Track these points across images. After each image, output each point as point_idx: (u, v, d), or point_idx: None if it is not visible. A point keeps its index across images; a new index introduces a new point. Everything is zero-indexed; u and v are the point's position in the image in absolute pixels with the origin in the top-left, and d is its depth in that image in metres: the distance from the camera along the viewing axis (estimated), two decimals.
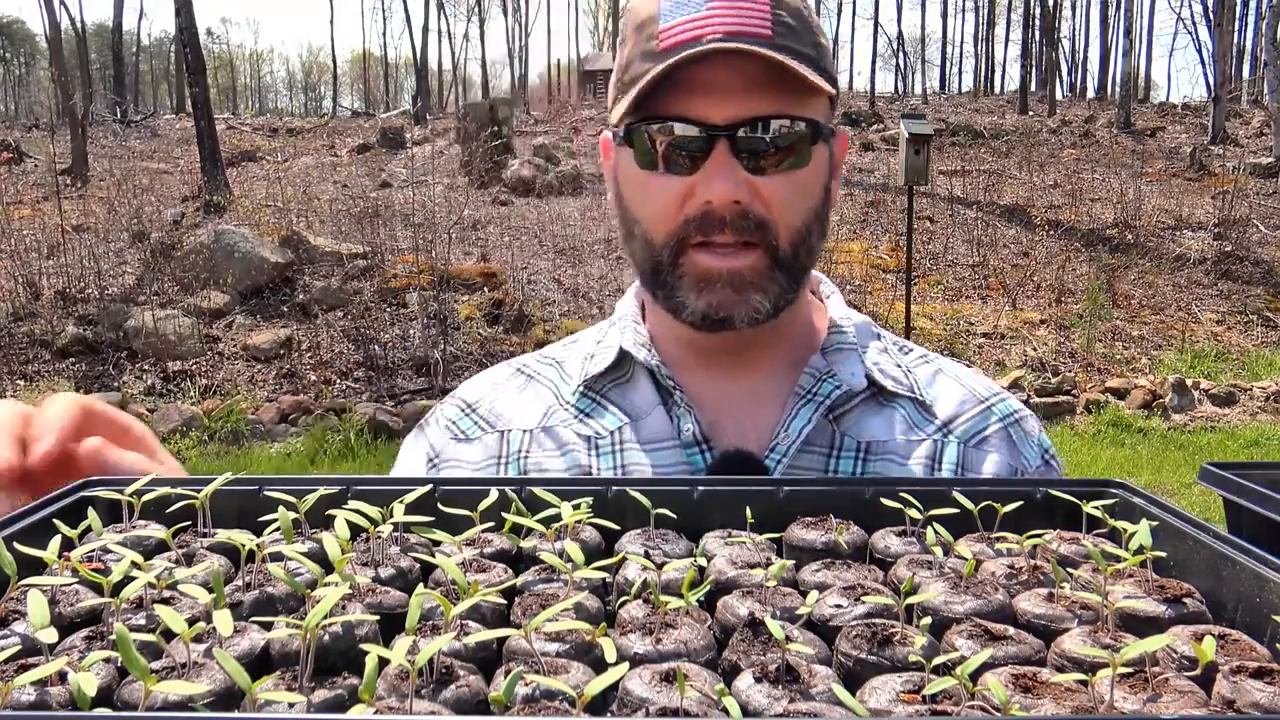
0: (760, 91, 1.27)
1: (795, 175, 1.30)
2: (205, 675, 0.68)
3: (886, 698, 0.65)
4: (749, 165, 1.27)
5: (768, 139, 1.27)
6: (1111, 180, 17.39)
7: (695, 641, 0.73)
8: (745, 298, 1.30)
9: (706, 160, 1.27)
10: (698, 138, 1.27)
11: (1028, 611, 0.79)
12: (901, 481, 1.02)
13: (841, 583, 0.84)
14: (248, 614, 0.76)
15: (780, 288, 1.33)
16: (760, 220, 1.29)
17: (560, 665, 0.68)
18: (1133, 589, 0.80)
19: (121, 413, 1.18)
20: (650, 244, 1.34)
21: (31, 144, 20.40)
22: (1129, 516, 0.93)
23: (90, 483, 0.98)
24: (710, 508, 0.99)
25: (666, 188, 1.30)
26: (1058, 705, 0.63)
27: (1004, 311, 13.02)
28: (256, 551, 0.81)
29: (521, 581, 0.84)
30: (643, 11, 1.32)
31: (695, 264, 1.31)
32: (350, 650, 0.69)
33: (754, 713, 0.63)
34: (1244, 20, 34.45)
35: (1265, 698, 0.63)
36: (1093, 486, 1.01)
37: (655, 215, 1.32)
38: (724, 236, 1.28)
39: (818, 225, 1.37)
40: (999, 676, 0.66)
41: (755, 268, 1.31)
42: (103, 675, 0.67)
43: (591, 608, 0.79)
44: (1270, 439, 9.95)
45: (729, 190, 1.26)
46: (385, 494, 0.93)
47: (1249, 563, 0.79)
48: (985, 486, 1.00)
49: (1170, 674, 0.66)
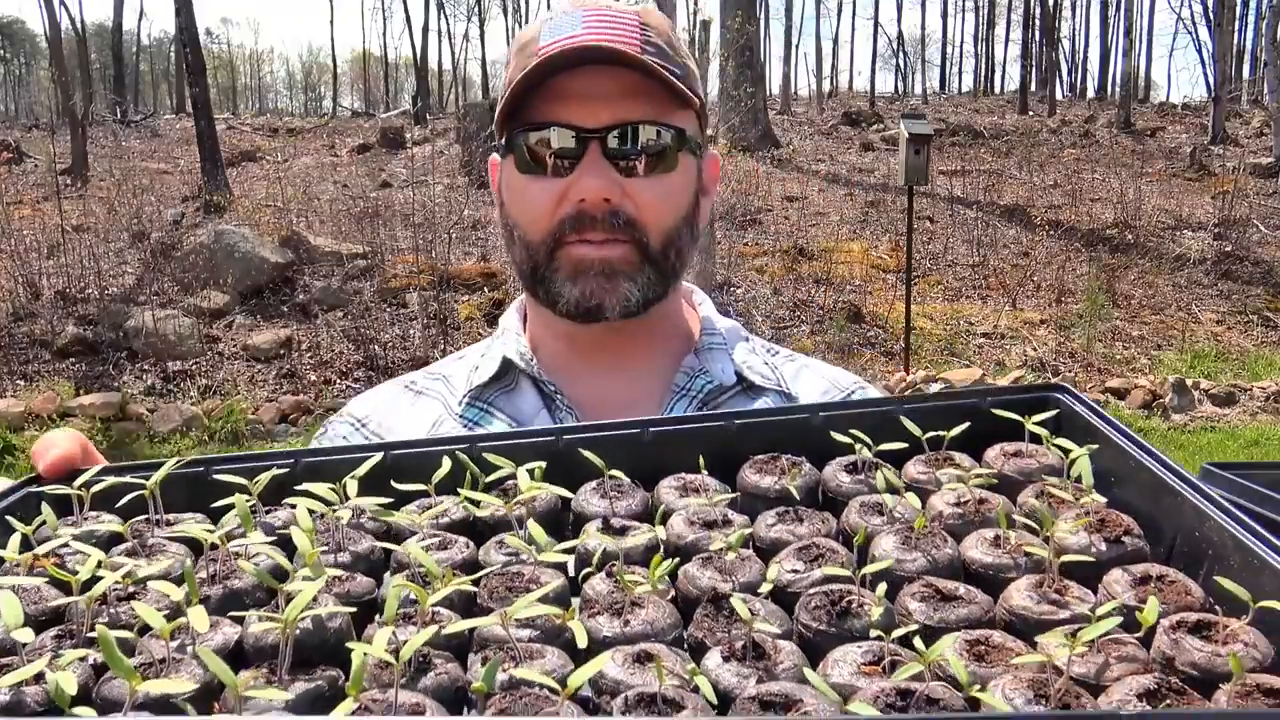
0: (630, 99, 1.39)
1: (664, 179, 1.42)
2: (184, 670, 0.68)
3: (848, 671, 0.67)
4: (620, 168, 1.39)
5: (638, 143, 1.39)
6: (1111, 180, 17.38)
7: (661, 620, 0.75)
8: (615, 285, 1.40)
9: (579, 162, 1.38)
10: (571, 140, 1.38)
11: (976, 560, 0.81)
12: (852, 404, 1.03)
13: (796, 539, 0.85)
14: (215, 609, 0.76)
15: (649, 280, 1.43)
16: (630, 219, 1.39)
17: (535, 650, 0.69)
18: (1074, 525, 0.81)
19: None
20: (528, 244, 1.44)
21: (31, 144, 20.42)
22: (1072, 432, 0.94)
23: (34, 479, 0.97)
24: (663, 449, 1.00)
25: (543, 190, 1.41)
26: (1012, 677, 0.64)
27: (1004, 311, 13.02)
28: (220, 544, 0.80)
29: (484, 555, 0.85)
30: (525, 36, 1.46)
31: (569, 255, 1.41)
32: (325, 643, 0.70)
33: (724, 690, 0.65)
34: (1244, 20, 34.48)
35: (1203, 657, 0.64)
36: (1035, 393, 1.01)
37: (532, 216, 1.43)
38: (596, 234, 1.39)
39: (688, 230, 1.48)
40: (953, 646, 0.68)
41: (625, 258, 1.41)
42: (79, 673, 0.67)
43: (557, 586, 0.80)
44: (1270, 439, 9.94)
45: (600, 188, 1.37)
46: (336, 465, 0.92)
47: (1191, 495, 0.80)
48: (931, 403, 1.01)
49: (1117, 636, 0.68)
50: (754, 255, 14.14)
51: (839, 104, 31.27)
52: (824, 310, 12.52)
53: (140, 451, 9.16)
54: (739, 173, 16.50)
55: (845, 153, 21.15)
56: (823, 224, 15.64)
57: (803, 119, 26.74)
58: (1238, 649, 0.66)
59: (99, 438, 9.32)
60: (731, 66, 17.55)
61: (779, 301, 12.82)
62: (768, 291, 13.00)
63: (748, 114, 18.44)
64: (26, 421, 9.66)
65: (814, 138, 22.37)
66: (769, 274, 13.48)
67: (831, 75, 56.57)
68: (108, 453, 1.23)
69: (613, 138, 1.38)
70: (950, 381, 10.37)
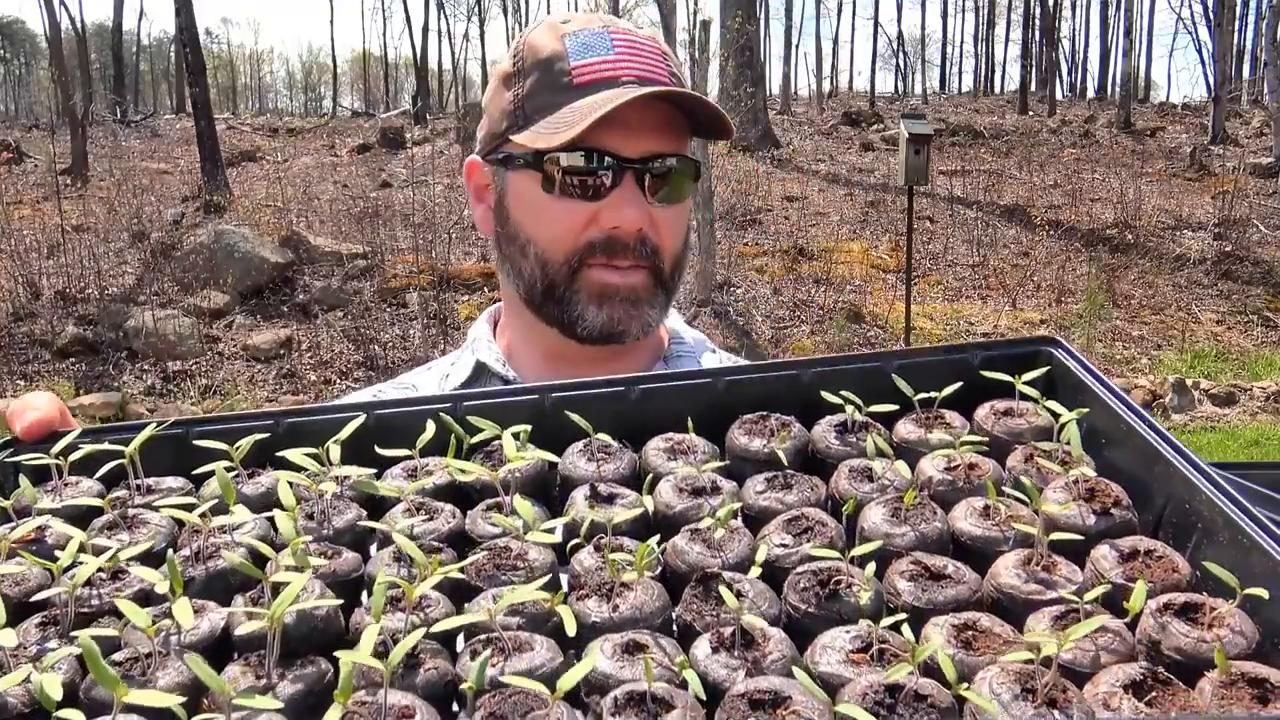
0: (663, 131, 1.43)
1: (679, 208, 1.49)
2: (170, 666, 0.67)
3: (837, 659, 0.67)
4: (649, 197, 1.43)
5: (668, 175, 1.44)
6: (1111, 180, 17.37)
7: (650, 604, 0.74)
8: (640, 313, 1.46)
9: (614, 190, 1.41)
10: (609, 168, 1.40)
11: (965, 533, 0.80)
12: (842, 359, 1.02)
13: (785, 508, 0.85)
14: (199, 592, 0.75)
15: (661, 305, 1.50)
16: (654, 247, 1.45)
17: (524, 642, 0.69)
18: (1064, 495, 0.81)
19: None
20: (545, 263, 1.45)
21: (31, 144, 20.41)
22: (1064, 390, 0.93)
23: (9, 443, 0.96)
24: (650, 407, 0.99)
25: (569, 211, 1.42)
26: (1000, 669, 0.64)
27: (1004, 311, 13.01)
28: (202, 523, 0.80)
29: (471, 525, 0.85)
30: (544, 49, 1.44)
31: (594, 280, 1.44)
32: (313, 634, 0.69)
33: (713, 683, 0.65)
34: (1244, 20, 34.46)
35: (1189, 644, 0.64)
36: (1027, 346, 1.00)
37: (554, 235, 1.44)
38: (624, 260, 1.43)
39: (686, 252, 1.56)
40: (940, 631, 0.68)
41: (646, 285, 1.46)
42: (64, 670, 0.67)
43: (545, 565, 0.79)
44: (1270, 439, 9.93)
45: (638, 218, 1.41)
46: (319, 427, 0.91)
47: (1183, 467, 0.80)
48: (924, 358, 1.00)
49: (1101, 614, 0.67)
50: (754, 255, 14.13)
51: (839, 104, 31.24)
52: (824, 310, 12.51)
53: None
54: (739, 173, 16.50)
55: (845, 153, 21.14)
56: (823, 224, 15.63)
57: (803, 119, 26.72)
58: (1224, 634, 0.66)
59: None
60: (731, 66, 17.55)
61: (779, 301, 12.81)
62: (768, 291, 12.99)
63: (748, 114, 18.43)
64: None
65: (814, 138, 22.36)
66: (769, 274, 13.47)
67: (831, 75, 56.54)
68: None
69: (649, 168, 1.41)
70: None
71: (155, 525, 0.83)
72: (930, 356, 1.02)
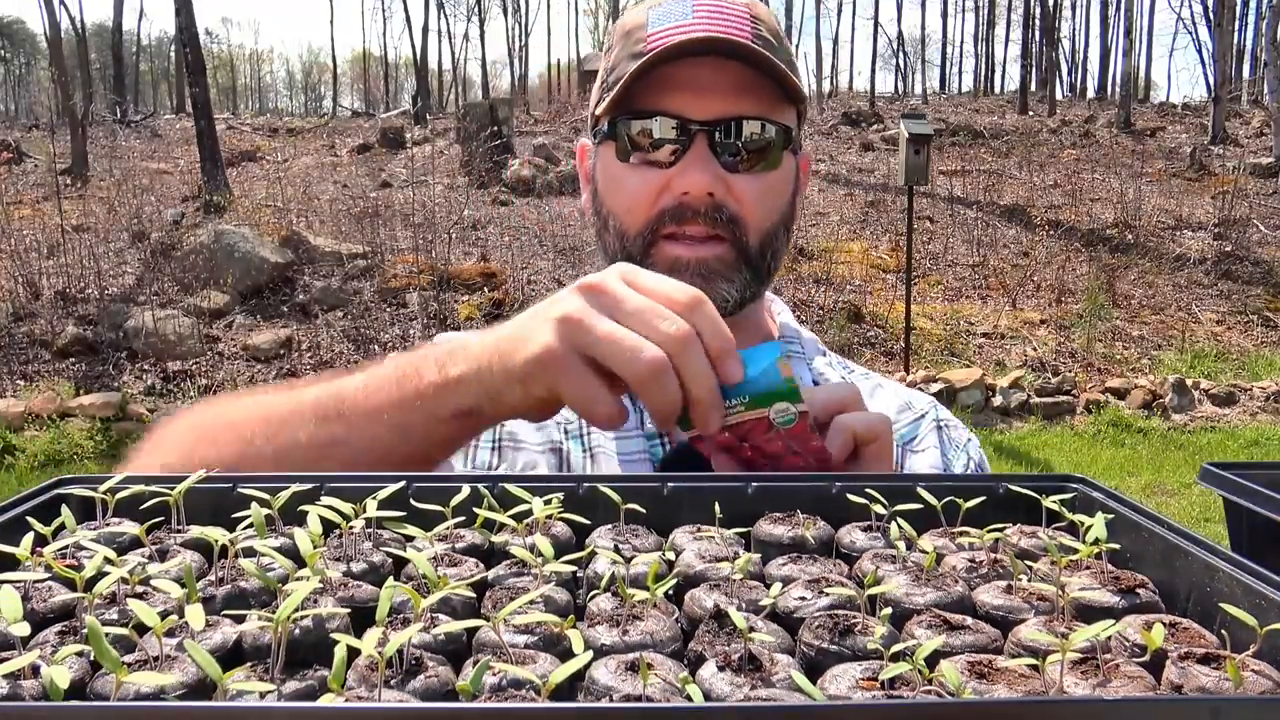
0: (740, 93, 1.35)
1: (766, 177, 1.38)
2: (177, 668, 0.68)
3: (846, 685, 0.66)
4: (725, 162, 1.34)
5: (744, 138, 1.35)
6: (1111, 180, 17.39)
7: (661, 633, 0.74)
8: (712, 286, 1.34)
9: (685, 154, 1.34)
10: (677, 132, 1.34)
11: (986, 603, 0.80)
12: (867, 478, 1.03)
13: (807, 576, 0.85)
14: (220, 608, 0.76)
15: (745, 281, 1.39)
16: (732, 216, 1.35)
17: (528, 656, 0.69)
18: (1089, 580, 0.82)
19: None
20: (623, 235, 1.39)
21: (31, 144, 20.42)
22: (1087, 510, 0.95)
23: (64, 480, 0.98)
24: (680, 503, 1.00)
25: (644, 180, 1.36)
26: (1011, 690, 0.65)
27: (1004, 311, 13.02)
28: (229, 547, 0.81)
29: (493, 575, 0.85)
30: (630, 21, 1.42)
31: (665, 254, 1.36)
32: (321, 643, 0.70)
33: (716, 699, 0.65)
34: (1244, 20, 34.48)
35: (1211, 682, 0.65)
36: (1053, 481, 1.02)
37: (630, 206, 1.38)
38: (696, 228, 1.35)
39: (784, 232, 1.44)
40: (955, 664, 0.68)
41: (723, 259, 1.36)
42: (75, 669, 0.68)
43: (561, 600, 0.80)
44: (1270, 439, 9.94)
45: (704, 182, 1.32)
46: (358, 491, 0.93)
47: (1199, 553, 0.81)
48: (949, 482, 1.01)
49: (1120, 660, 0.68)
50: None
51: (839, 104, 31.25)
52: (824, 310, 12.52)
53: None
54: None
55: (845, 153, 21.16)
56: (823, 224, 15.64)
57: None
58: (1247, 676, 0.66)
59: (99, 438, 9.33)
60: None
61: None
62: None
63: None
64: (26, 421, 9.65)
65: (814, 138, 22.35)
66: None
67: (831, 75, 56.57)
68: (108, 453, 1.23)
69: (720, 131, 1.34)
70: (951, 381, 10.37)
71: (185, 557, 0.84)
72: (957, 483, 1.03)
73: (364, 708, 0.60)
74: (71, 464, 8.89)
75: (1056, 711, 0.58)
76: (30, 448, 9.19)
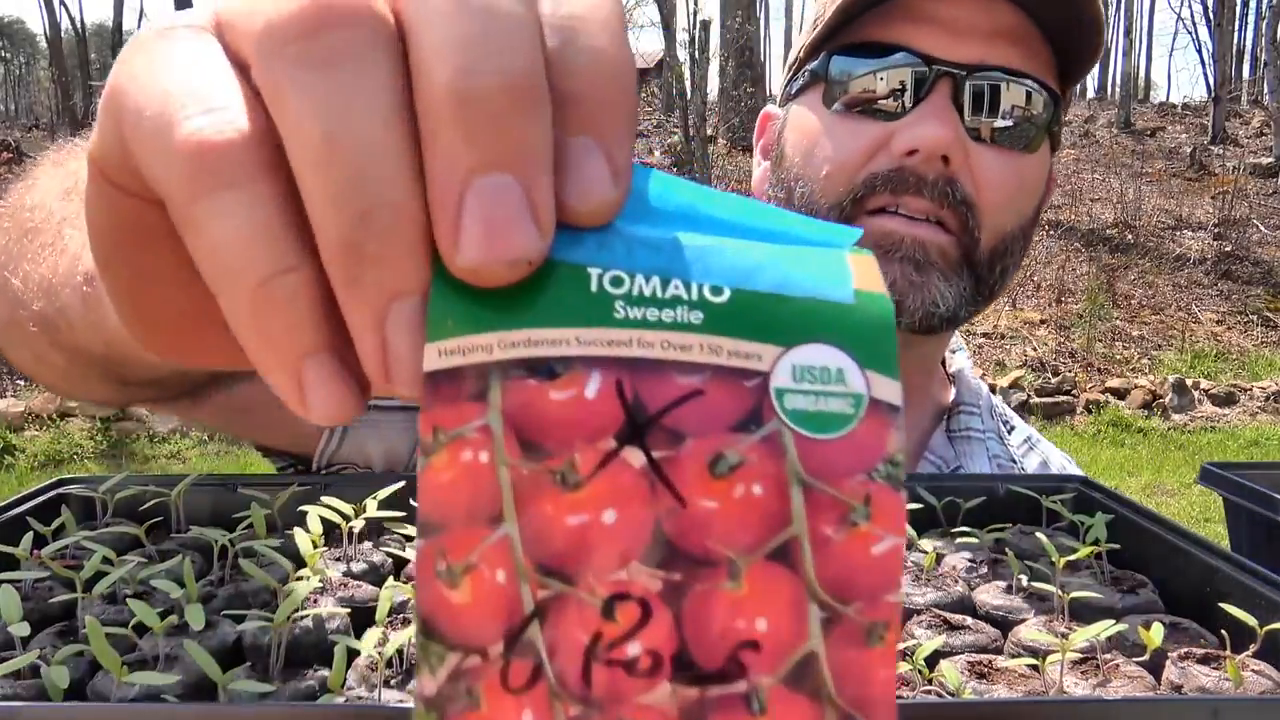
0: (1005, 41, 1.01)
1: (1019, 160, 1.04)
2: (177, 668, 0.68)
3: None
4: (970, 127, 1.01)
5: (999, 101, 1.01)
6: (1111, 180, 17.39)
7: None
8: (927, 280, 1.02)
9: (922, 103, 1.00)
10: (915, 73, 1.00)
11: (986, 603, 0.81)
12: None
13: None
14: (220, 608, 0.76)
15: (962, 293, 1.04)
16: (965, 198, 1.01)
17: None
18: (1089, 580, 0.82)
19: None
20: (810, 204, 1.04)
21: (31, 144, 20.41)
22: (1087, 511, 0.95)
23: (64, 481, 0.99)
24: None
25: (856, 133, 1.03)
26: (1010, 690, 0.65)
27: (1004, 311, 13.02)
28: (229, 547, 0.81)
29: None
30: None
31: (872, 227, 1.01)
32: (321, 643, 0.70)
33: None
34: (1244, 20, 34.47)
35: (1211, 682, 0.65)
36: (1053, 481, 1.02)
37: (831, 167, 1.04)
38: (919, 202, 1.00)
39: (1021, 242, 1.10)
40: (955, 664, 0.68)
41: (945, 250, 1.02)
42: (75, 669, 0.68)
43: None
44: (1270, 439, 9.94)
45: (942, 139, 0.98)
46: (359, 492, 0.93)
47: (1199, 553, 0.82)
48: (949, 482, 1.02)
49: (1120, 660, 0.68)
50: None
51: None
52: None
53: (140, 451, 9.17)
54: (739, 173, 16.49)
55: None
56: None
57: None
58: (1247, 676, 0.67)
59: (99, 438, 9.33)
60: (731, 66, 17.57)
61: None
62: None
63: (748, 114, 18.44)
64: (26, 421, 9.65)
65: None
66: None
67: None
68: (108, 453, 1.22)
69: (975, 81, 0.99)
70: None
71: (184, 557, 0.85)
72: (956, 482, 1.03)
73: (364, 708, 0.60)
74: (71, 464, 8.89)
75: (1056, 711, 0.59)
76: (30, 448, 9.19)
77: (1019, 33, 1.01)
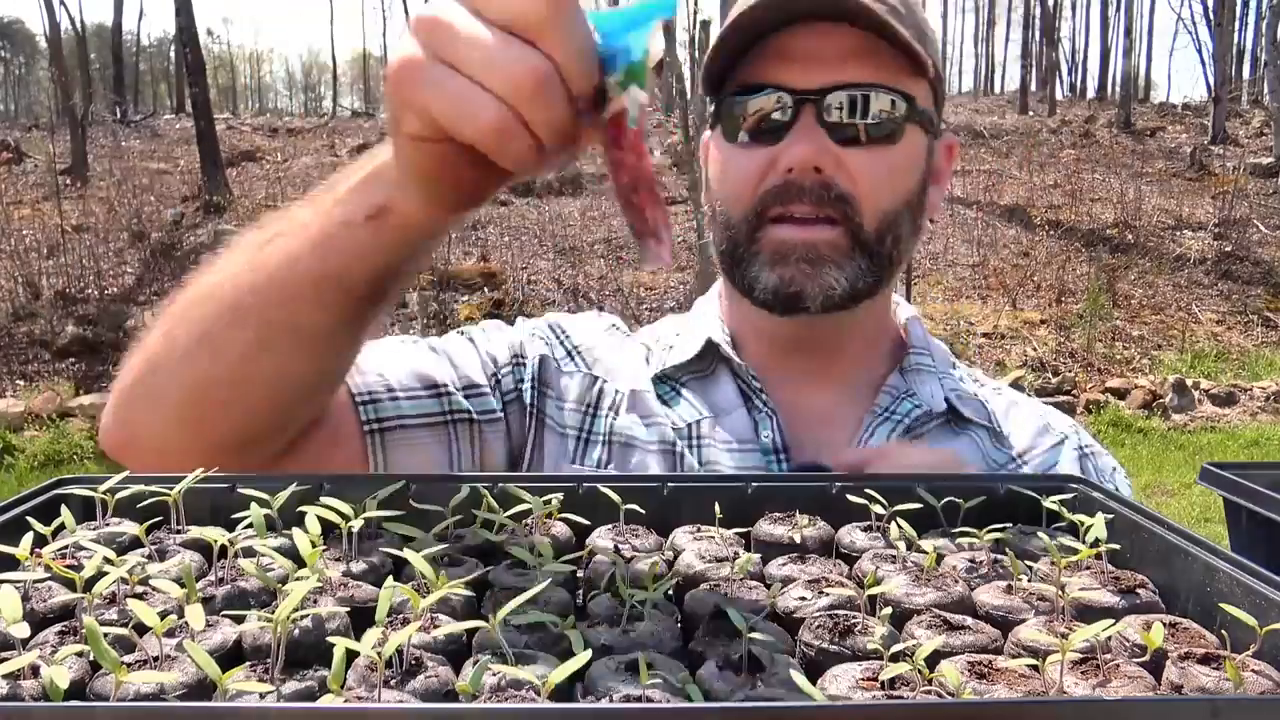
0: (855, 61, 1.22)
1: (885, 153, 1.24)
2: (177, 668, 0.68)
3: (845, 685, 0.66)
4: (836, 136, 1.22)
5: (857, 110, 1.22)
6: (1111, 180, 17.38)
7: (661, 633, 0.74)
8: (819, 272, 1.23)
9: (791, 128, 1.22)
10: (783, 104, 1.22)
11: (986, 603, 0.80)
12: (866, 477, 1.03)
13: (806, 576, 0.85)
14: (220, 609, 0.76)
15: (859, 270, 1.25)
16: (843, 194, 1.22)
17: (527, 656, 0.69)
18: (1089, 580, 0.82)
19: None
20: (729, 222, 1.28)
21: (31, 144, 20.40)
22: (1087, 511, 0.95)
23: (63, 480, 0.98)
24: (680, 503, 1.00)
25: (749, 159, 1.25)
26: (1011, 690, 0.65)
27: (1004, 311, 13.02)
28: (229, 547, 0.81)
29: (492, 575, 0.85)
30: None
31: (771, 237, 1.25)
32: (321, 643, 0.70)
33: (715, 698, 0.65)
34: (1244, 20, 34.50)
35: (1211, 682, 0.65)
36: (1053, 481, 1.02)
37: (734, 190, 1.27)
38: (803, 207, 1.22)
39: (908, 217, 1.29)
40: (955, 664, 0.68)
41: (833, 243, 1.24)
42: (75, 669, 0.68)
43: (560, 600, 0.80)
44: (1270, 439, 9.95)
45: (809, 155, 1.20)
46: (358, 491, 0.93)
47: (1199, 553, 0.81)
48: (949, 483, 1.02)
49: (1120, 660, 0.68)
50: None
51: None
52: None
53: None
54: None
55: None
56: None
57: None
58: (1248, 676, 0.67)
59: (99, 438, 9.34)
60: None
61: None
62: None
63: None
64: (26, 421, 9.65)
65: None
66: None
67: None
68: None
69: (829, 101, 1.21)
70: None
71: (185, 557, 0.85)
72: (957, 483, 1.03)
73: (364, 708, 0.60)
74: (71, 464, 8.89)
75: (1056, 711, 0.59)
76: (30, 448, 9.20)
77: (866, 49, 1.22)
